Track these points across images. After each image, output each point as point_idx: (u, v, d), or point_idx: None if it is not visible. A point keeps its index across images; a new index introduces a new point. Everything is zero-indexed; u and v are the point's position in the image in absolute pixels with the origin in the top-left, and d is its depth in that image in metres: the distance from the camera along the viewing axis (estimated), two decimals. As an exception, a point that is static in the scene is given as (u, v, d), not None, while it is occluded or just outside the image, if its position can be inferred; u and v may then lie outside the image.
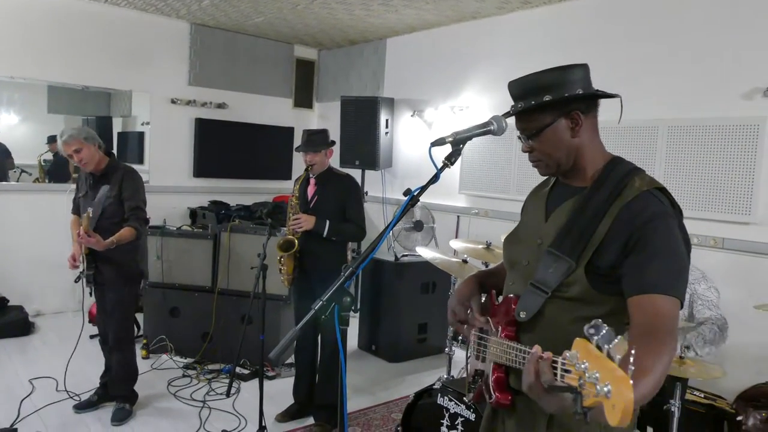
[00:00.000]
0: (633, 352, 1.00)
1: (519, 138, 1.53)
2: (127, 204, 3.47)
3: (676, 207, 1.40)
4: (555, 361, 1.12)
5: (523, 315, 1.44)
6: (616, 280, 1.35)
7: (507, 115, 1.52)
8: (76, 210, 3.71)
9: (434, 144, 1.53)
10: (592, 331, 1.01)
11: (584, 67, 1.46)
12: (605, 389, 0.94)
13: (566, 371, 1.07)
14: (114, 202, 3.46)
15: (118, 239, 3.31)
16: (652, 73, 4.10)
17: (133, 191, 3.50)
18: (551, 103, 1.41)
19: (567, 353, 1.06)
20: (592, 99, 1.46)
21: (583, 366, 0.99)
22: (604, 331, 1.00)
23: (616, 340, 0.98)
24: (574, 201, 1.47)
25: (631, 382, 0.93)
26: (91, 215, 3.24)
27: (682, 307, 1.31)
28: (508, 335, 1.49)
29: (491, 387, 1.53)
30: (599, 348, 0.99)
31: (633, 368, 0.97)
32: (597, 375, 0.96)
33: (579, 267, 1.37)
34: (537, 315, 1.43)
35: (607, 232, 1.36)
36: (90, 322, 4.59)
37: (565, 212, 1.47)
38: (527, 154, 1.51)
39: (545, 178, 1.66)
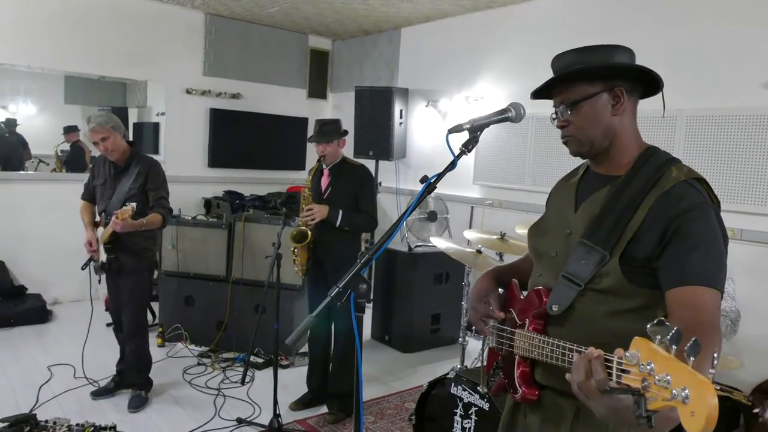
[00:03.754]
0: (716, 355, 0.93)
1: (552, 118, 1.48)
2: (153, 194, 3.52)
3: (714, 198, 1.35)
4: (609, 361, 1.05)
5: (555, 308, 1.40)
6: (652, 273, 1.30)
7: (547, 83, 1.43)
8: (88, 196, 3.73)
9: (451, 131, 1.51)
10: (656, 329, 0.94)
11: (631, 52, 1.43)
12: (683, 394, 0.86)
13: (623, 371, 1.00)
14: (138, 193, 3.49)
15: (148, 221, 3.37)
16: (672, 62, 4.04)
17: (159, 183, 3.57)
18: (597, 71, 1.38)
19: (625, 353, 0.98)
20: (636, 76, 1.41)
21: (648, 367, 0.92)
22: (673, 331, 0.92)
23: (690, 342, 0.90)
24: (607, 190, 1.42)
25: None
26: (135, 209, 3.24)
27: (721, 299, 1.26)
28: (536, 328, 1.44)
29: (516, 381, 1.49)
30: (666, 348, 0.92)
31: (713, 372, 0.91)
32: (668, 378, 0.89)
33: (613, 258, 1.33)
34: (568, 308, 1.39)
35: (642, 222, 1.31)
36: (107, 310, 4.64)
37: (598, 202, 1.42)
38: (560, 129, 1.46)
39: (572, 168, 1.62)
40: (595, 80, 1.39)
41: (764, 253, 3.66)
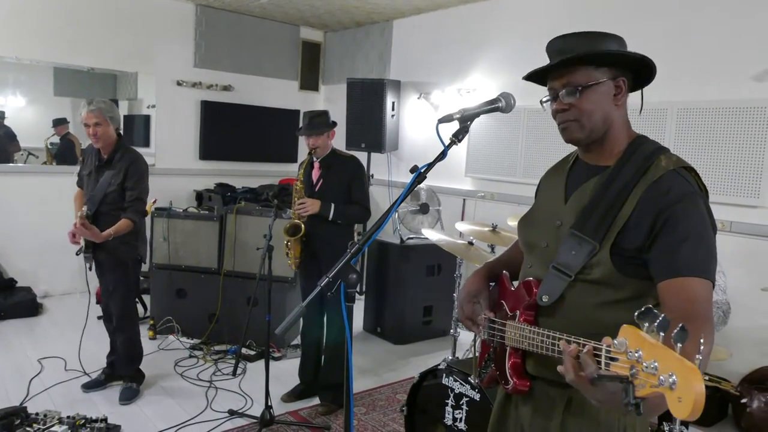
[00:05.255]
0: (703, 341, 0.94)
1: (544, 100, 1.46)
2: (129, 193, 3.44)
3: (702, 187, 1.35)
4: (598, 349, 1.06)
5: (545, 299, 1.40)
6: (642, 263, 1.30)
7: (550, 66, 1.40)
8: (81, 183, 3.71)
9: (441, 121, 1.51)
10: (643, 317, 0.95)
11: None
12: (670, 380, 0.87)
13: (612, 359, 1.01)
14: (117, 189, 3.44)
15: (115, 231, 3.30)
16: (662, 55, 4.03)
17: (137, 181, 3.46)
18: (608, 58, 1.37)
19: (614, 341, 0.99)
20: (636, 69, 1.41)
21: (636, 354, 0.93)
22: (660, 318, 0.92)
23: (677, 329, 0.90)
24: (597, 180, 1.42)
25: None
26: (87, 212, 3.24)
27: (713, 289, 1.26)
28: (527, 320, 1.44)
29: (508, 373, 1.49)
30: (654, 336, 0.93)
31: (701, 358, 0.90)
32: (656, 364, 0.90)
33: (603, 249, 1.32)
34: (558, 299, 1.39)
35: (632, 213, 1.31)
36: (97, 302, 4.61)
37: (588, 192, 1.42)
38: (559, 113, 1.42)
39: (561, 159, 1.62)
40: (602, 67, 1.38)
41: (753, 245, 3.69)
